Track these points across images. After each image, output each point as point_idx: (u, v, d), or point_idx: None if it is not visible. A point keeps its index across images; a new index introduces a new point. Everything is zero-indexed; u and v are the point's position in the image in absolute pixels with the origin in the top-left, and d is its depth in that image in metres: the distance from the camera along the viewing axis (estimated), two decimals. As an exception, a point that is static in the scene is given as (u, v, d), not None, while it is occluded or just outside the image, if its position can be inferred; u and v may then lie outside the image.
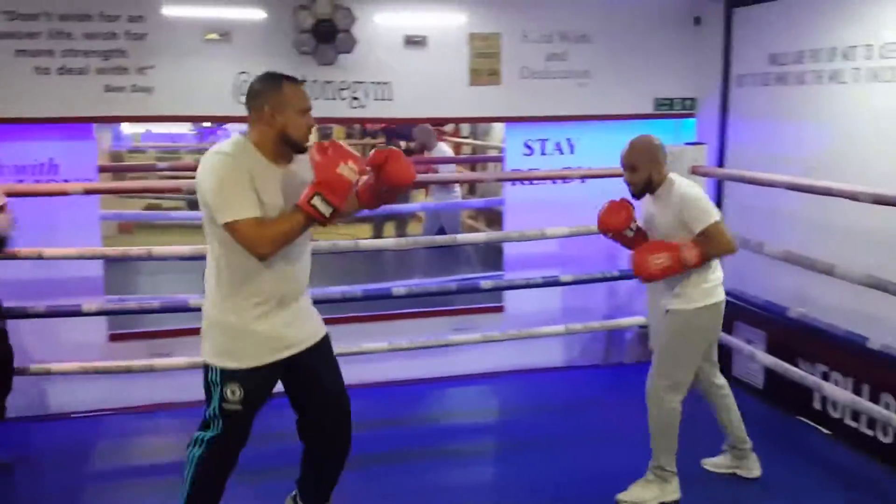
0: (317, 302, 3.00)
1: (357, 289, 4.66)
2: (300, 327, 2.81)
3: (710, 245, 3.32)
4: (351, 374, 3.11)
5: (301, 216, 2.56)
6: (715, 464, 3.91)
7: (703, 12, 5.17)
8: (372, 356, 4.73)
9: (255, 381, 2.71)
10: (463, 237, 5.22)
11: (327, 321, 2.99)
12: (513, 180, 5.18)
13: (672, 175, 3.49)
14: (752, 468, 3.80)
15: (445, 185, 7.24)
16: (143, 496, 3.72)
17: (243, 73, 4.52)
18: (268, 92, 2.66)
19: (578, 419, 4.57)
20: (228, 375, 2.68)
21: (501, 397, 5.04)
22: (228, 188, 2.54)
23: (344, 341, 4.63)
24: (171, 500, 3.55)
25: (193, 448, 2.77)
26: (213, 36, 4.48)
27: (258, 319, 2.69)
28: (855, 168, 4.07)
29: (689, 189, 3.42)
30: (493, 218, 7.98)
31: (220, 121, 5.61)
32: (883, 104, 3.93)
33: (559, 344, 5.35)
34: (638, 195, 3.51)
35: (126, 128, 6.95)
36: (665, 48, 5.19)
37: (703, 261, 3.35)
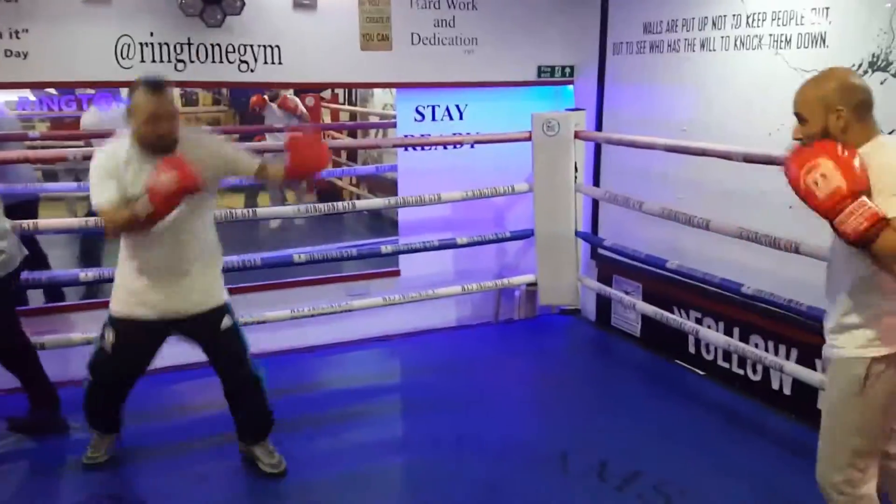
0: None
1: (256, 256, 4.60)
2: (178, 297, 3.25)
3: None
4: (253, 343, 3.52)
5: (126, 212, 2.99)
6: None
7: (581, -18, 5.40)
8: (268, 325, 4.72)
9: (126, 330, 3.27)
10: (362, 203, 5.25)
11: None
12: (405, 146, 5.26)
13: (883, 137, 2.40)
14: None
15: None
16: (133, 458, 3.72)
17: (125, 35, 4.34)
18: (129, 96, 3.09)
19: (477, 375, 4.77)
20: (109, 320, 3.32)
21: (401, 359, 5.17)
22: (94, 177, 3.05)
23: (244, 310, 4.65)
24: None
25: None
26: (91, -4, 4.26)
27: (134, 279, 3.23)
28: (722, 131, 4.40)
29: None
30: (375, 185, 8.04)
31: (101, 86, 5.32)
32: (748, 70, 4.28)
33: (452, 304, 5.52)
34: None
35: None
36: (547, 17, 5.39)
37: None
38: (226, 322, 3.38)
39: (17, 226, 3.75)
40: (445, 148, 5.25)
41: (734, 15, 4.31)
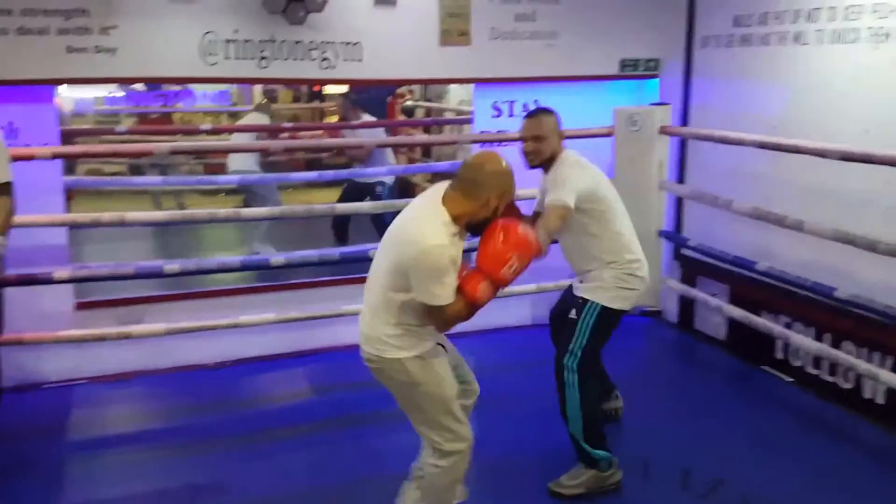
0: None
1: (335, 251, 4.63)
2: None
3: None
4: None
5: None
6: None
7: (668, -26, 5.24)
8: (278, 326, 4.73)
9: None
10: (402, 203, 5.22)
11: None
12: (482, 142, 5.20)
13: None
14: None
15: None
16: (120, 466, 3.70)
17: (209, 32, 4.42)
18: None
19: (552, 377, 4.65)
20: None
21: (476, 357, 5.06)
22: None
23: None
24: (146, 469, 3.64)
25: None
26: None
27: None
28: (814, 127, 4.21)
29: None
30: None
31: (186, 82, 5.46)
32: (844, 65, 4.07)
33: (528, 303, 5.42)
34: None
35: (89, 91, 6.77)
36: (630, 9, 5.25)
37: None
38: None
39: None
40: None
41: (830, 7, 4.11)
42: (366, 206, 5.46)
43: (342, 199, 6.76)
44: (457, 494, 3.03)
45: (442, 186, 2.70)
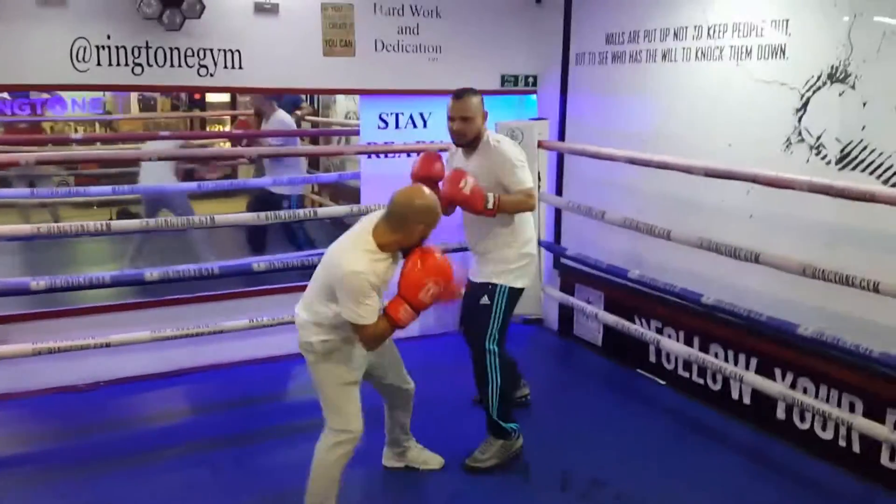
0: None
1: (214, 266, 4.51)
2: None
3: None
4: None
5: None
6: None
7: (544, -8, 5.41)
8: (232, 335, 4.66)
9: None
10: (324, 211, 5.17)
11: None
12: (369, 153, 5.21)
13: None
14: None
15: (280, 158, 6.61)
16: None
17: (81, 38, 4.24)
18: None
19: (437, 385, 4.66)
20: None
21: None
22: None
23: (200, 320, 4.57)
24: (19, 494, 3.45)
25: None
26: (48, -1, 4.16)
27: None
28: (683, 142, 4.44)
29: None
30: (338, 193, 7.97)
31: (56, 89, 5.21)
32: (710, 81, 4.31)
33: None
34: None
35: None
36: (510, 26, 5.40)
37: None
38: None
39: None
40: (409, 156, 5.20)
41: (696, 26, 4.36)
42: (247, 216, 5.33)
43: (249, 210, 6.56)
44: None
45: (376, 216, 3.03)
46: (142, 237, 6.27)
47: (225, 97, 10.23)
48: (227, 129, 10.23)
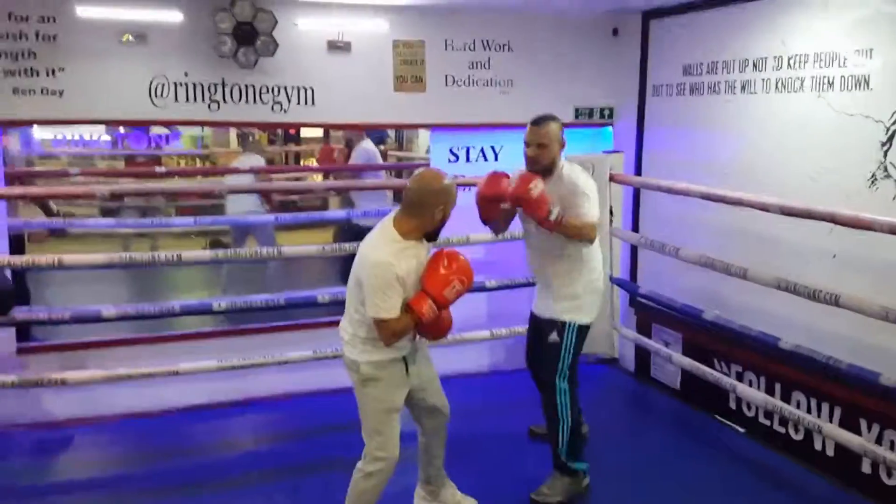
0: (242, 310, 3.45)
1: (280, 297, 4.56)
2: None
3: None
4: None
5: None
6: None
7: (621, 24, 5.30)
8: (298, 365, 4.68)
9: None
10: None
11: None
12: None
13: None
14: None
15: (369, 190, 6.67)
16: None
17: (160, 75, 4.42)
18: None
19: (504, 423, 4.58)
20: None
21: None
22: None
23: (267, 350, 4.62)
24: None
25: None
26: (129, 37, 4.35)
27: None
28: (764, 175, 4.22)
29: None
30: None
31: (135, 124, 5.45)
32: (790, 113, 4.09)
33: (486, 350, 5.37)
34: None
35: (36, 133, 6.83)
36: (585, 58, 5.31)
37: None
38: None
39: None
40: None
41: (775, 57, 4.15)
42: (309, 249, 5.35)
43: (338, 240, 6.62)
44: None
45: (394, 211, 3.07)
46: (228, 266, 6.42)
47: (319, 131, 10.50)
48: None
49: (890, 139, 3.53)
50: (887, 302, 3.30)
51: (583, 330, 3.64)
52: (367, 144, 6.91)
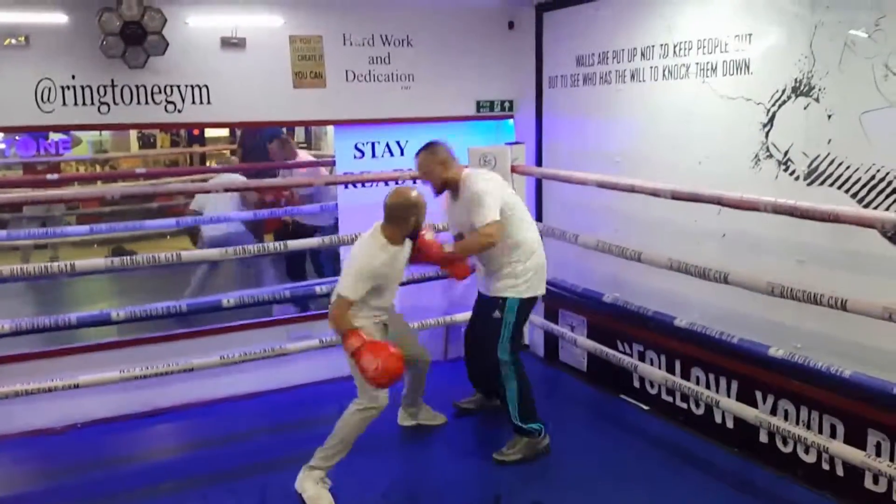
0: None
1: (182, 303, 4.46)
2: None
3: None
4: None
5: None
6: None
7: (516, 17, 5.38)
8: (206, 372, 4.60)
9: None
10: (299, 242, 5.11)
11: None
12: (345, 183, 5.18)
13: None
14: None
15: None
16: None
17: (46, 78, 4.25)
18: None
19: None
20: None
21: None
22: None
23: (173, 358, 4.52)
24: None
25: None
26: (11, 41, 4.17)
27: None
28: (657, 161, 4.37)
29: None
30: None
31: (21, 130, 5.23)
32: (678, 100, 4.24)
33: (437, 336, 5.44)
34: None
35: None
36: (484, 52, 5.36)
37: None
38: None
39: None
40: (387, 184, 5.15)
41: (662, 45, 4.29)
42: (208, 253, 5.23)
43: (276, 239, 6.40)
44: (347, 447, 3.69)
45: (379, 222, 3.71)
46: (206, 271, 6.18)
47: (224, 132, 10.27)
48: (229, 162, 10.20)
49: (770, 120, 3.70)
50: (773, 278, 3.47)
51: (524, 304, 4.00)
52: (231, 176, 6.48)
